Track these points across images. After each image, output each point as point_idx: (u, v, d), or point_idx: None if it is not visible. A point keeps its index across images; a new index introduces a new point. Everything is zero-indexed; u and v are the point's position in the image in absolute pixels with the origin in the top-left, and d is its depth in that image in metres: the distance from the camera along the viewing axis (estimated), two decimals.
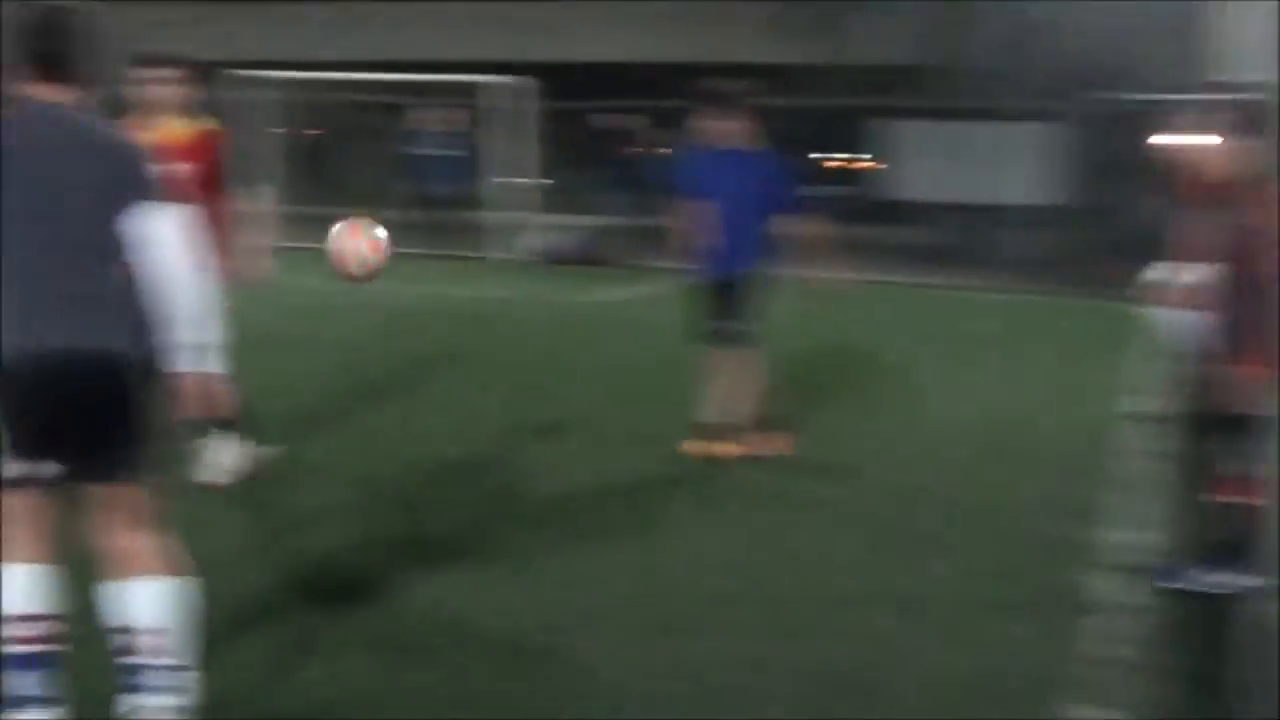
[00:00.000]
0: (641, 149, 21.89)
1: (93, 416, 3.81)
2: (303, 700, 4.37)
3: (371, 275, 5.91)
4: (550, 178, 23.45)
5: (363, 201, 13.64)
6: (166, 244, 3.77)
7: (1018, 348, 12.76)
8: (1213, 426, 5.21)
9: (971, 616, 5.31)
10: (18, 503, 3.80)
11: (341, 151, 30.02)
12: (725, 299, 7.67)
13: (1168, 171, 6.26)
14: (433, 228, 19.23)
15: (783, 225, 7.57)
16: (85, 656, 3.97)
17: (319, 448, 7.69)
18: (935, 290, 19.24)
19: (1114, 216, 19.34)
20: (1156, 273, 5.76)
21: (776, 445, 7.76)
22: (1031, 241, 24.91)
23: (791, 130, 42.79)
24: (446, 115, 19.30)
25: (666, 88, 30.45)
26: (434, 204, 19.23)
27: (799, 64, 27.70)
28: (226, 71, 22.56)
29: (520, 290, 16.73)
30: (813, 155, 55.46)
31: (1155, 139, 12.24)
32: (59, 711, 3.82)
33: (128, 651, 3.86)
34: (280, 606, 5.18)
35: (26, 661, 3.74)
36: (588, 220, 22.96)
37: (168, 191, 3.86)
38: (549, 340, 12.66)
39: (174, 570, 3.92)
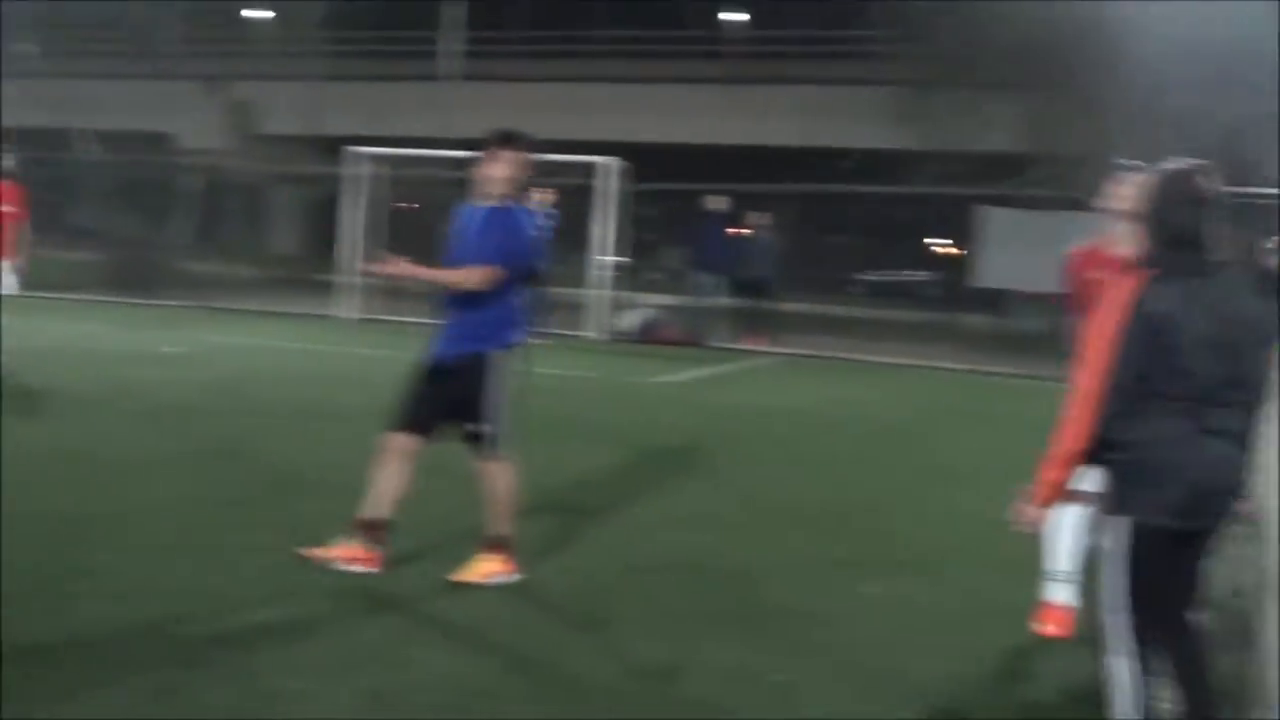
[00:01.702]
0: (732, 231, 21.89)
1: None
2: None
3: None
4: (641, 257, 23.53)
5: None
6: None
7: None
8: None
9: None
10: None
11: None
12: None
13: None
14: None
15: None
16: None
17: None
18: (1021, 380, 18.79)
19: None
20: None
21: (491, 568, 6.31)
22: None
23: (900, 215, 42.96)
24: (543, 196, 19.36)
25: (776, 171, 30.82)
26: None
27: (903, 150, 27.76)
28: (345, 147, 23.31)
29: (596, 369, 16.63)
30: (921, 240, 55.67)
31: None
32: None
33: None
34: None
35: None
36: (676, 300, 23.08)
37: None
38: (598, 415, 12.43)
39: None
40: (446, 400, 6.34)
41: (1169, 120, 25.21)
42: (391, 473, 6.39)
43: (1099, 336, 4.08)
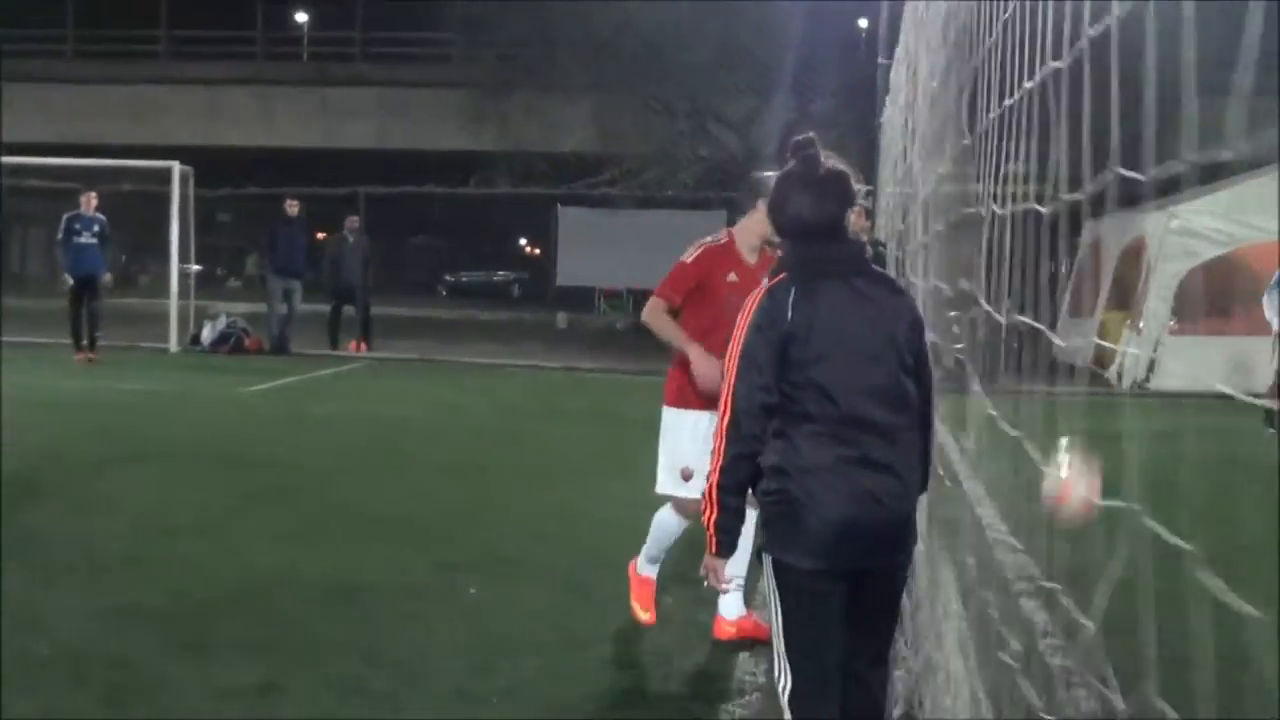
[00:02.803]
0: (307, 236, 21.46)
1: None
2: None
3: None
4: (210, 264, 22.82)
5: (30, 291, 12.90)
6: None
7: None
8: None
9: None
10: None
11: (12, 238, 28.68)
12: None
13: None
14: (91, 316, 18.29)
15: None
16: None
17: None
18: (607, 375, 19.38)
19: None
20: None
21: None
22: None
23: (484, 216, 43.03)
24: (91, 200, 18.45)
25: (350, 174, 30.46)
26: (90, 292, 18.25)
27: (483, 152, 28.04)
28: None
29: (176, 382, 16.04)
30: (506, 240, 55.97)
31: None
32: None
33: None
34: None
35: None
36: (258, 308, 22.50)
37: None
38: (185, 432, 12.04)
39: None
40: None
41: (738, 122, 26.54)
42: None
43: (731, 355, 3.68)
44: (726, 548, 3.72)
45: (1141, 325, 17.58)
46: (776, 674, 3.73)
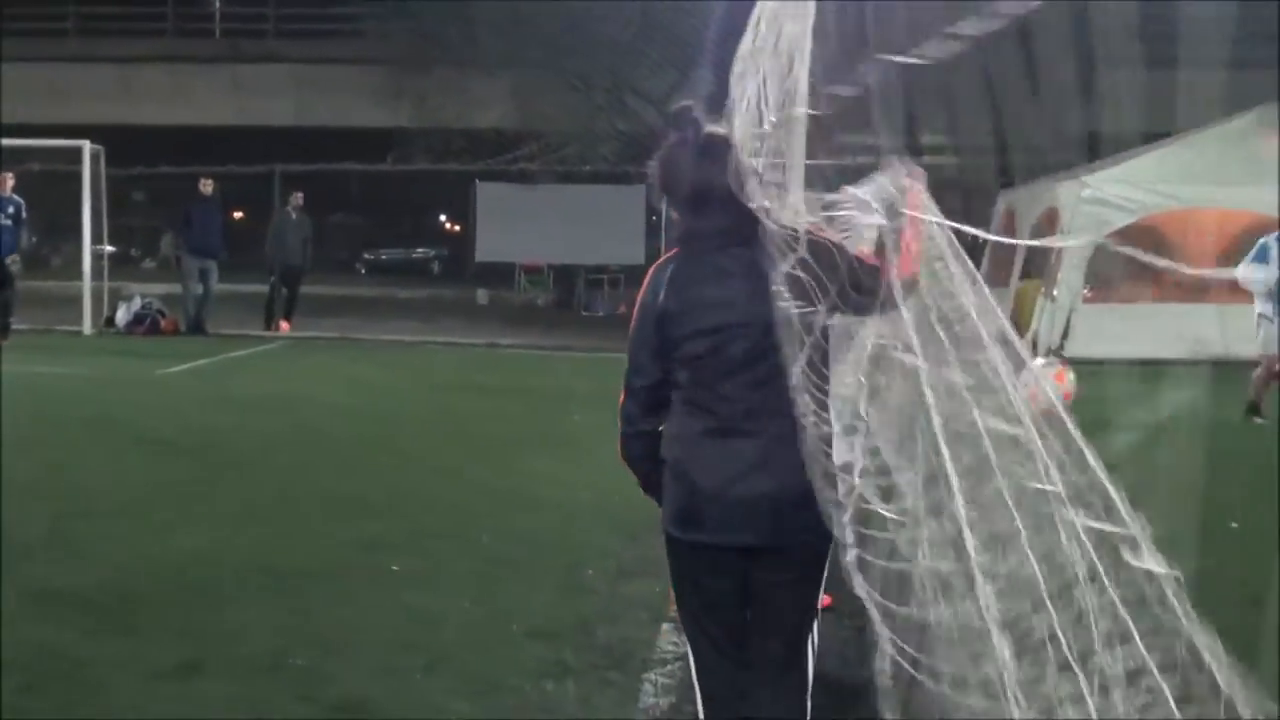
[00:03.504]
0: (223, 215, 21.17)
1: None
2: None
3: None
4: (124, 245, 22.49)
5: None
6: None
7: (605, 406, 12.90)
8: None
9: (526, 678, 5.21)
10: None
11: None
12: None
13: None
14: (3, 304, 17.87)
15: None
16: None
17: None
18: (528, 351, 19.40)
19: None
20: None
21: None
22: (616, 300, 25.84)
23: (402, 192, 42.58)
24: (7, 181, 18.08)
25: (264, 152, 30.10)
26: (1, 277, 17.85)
27: (400, 128, 27.86)
28: None
29: (91, 365, 15.82)
30: (424, 217, 55.43)
31: None
32: None
33: None
34: None
35: None
36: (175, 289, 22.21)
37: None
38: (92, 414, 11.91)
39: None
40: None
41: (657, 96, 26.55)
42: None
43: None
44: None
45: (1056, 294, 17.83)
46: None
